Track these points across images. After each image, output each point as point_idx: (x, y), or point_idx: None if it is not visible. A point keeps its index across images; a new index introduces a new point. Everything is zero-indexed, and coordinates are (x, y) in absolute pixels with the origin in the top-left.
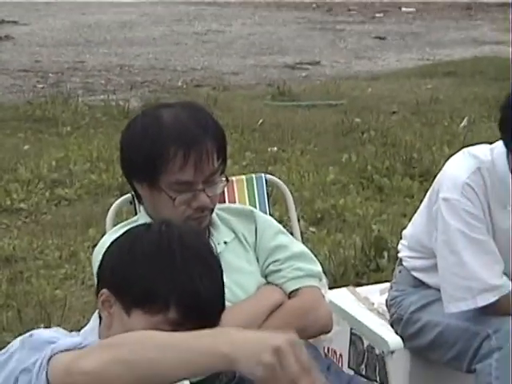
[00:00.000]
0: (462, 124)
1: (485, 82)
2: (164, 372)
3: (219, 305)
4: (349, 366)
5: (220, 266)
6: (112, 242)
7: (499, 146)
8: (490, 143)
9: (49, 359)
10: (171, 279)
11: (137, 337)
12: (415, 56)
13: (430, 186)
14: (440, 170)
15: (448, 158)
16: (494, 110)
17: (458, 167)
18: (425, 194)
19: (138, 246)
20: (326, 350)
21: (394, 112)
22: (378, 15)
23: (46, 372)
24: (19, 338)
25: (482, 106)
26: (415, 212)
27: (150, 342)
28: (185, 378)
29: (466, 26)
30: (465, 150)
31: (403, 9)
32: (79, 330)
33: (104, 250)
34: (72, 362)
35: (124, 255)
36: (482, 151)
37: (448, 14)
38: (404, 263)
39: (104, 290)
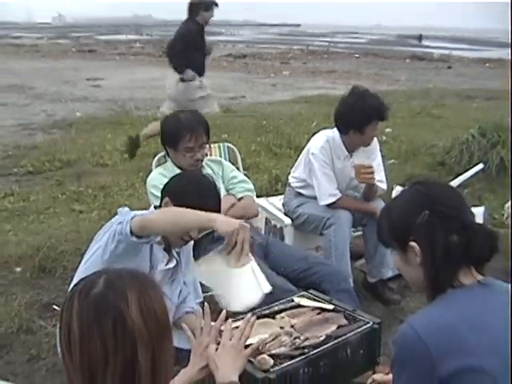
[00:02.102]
0: (313, 124)
1: (323, 106)
2: (183, 224)
3: (218, 207)
4: (264, 234)
5: (217, 189)
6: (171, 178)
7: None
8: None
9: (131, 218)
10: (198, 196)
11: (172, 209)
12: (290, 94)
13: (300, 152)
14: (304, 144)
15: (308, 139)
16: (328, 119)
17: (319, 139)
18: (296, 156)
19: (185, 180)
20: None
21: (281, 119)
22: (272, 75)
23: (130, 226)
24: (108, 222)
25: (323, 117)
26: (293, 164)
27: (179, 211)
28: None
29: (313, 80)
30: (321, 132)
31: (283, 72)
32: None
33: (152, 178)
34: (142, 216)
35: (178, 183)
36: (329, 132)
37: (305, 75)
38: (292, 185)
39: (166, 198)
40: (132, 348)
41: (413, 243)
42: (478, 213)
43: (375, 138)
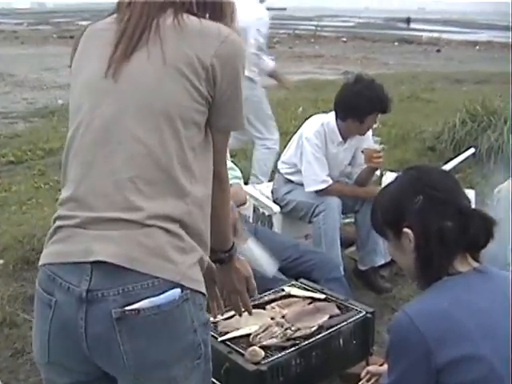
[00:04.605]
0: (300, 110)
1: (309, 91)
2: None
3: None
4: (252, 222)
5: None
6: None
7: (332, 114)
8: None
9: None
10: None
11: None
12: None
13: (289, 137)
14: (293, 129)
15: (297, 125)
16: (315, 105)
17: (313, 123)
18: (285, 142)
19: None
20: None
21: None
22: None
23: None
24: None
25: (310, 101)
26: (281, 150)
27: None
28: None
29: (299, 65)
30: (315, 116)
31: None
32: None
33: None
34: None
35: None
36: (324, 116)
37: (291, 60)
38: (281, 171)
39: None
40: None
41: (406, 229)
42: (470, 195)
43: None
